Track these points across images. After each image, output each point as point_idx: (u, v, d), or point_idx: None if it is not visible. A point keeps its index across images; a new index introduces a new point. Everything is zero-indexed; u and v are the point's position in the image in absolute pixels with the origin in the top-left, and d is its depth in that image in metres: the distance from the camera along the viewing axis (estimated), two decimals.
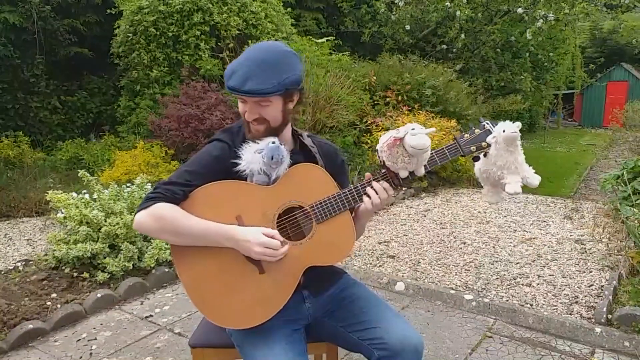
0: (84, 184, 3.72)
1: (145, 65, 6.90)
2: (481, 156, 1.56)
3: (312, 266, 1.47)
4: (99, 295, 3.11)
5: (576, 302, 3.04)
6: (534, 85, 12.16)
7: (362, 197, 1.50)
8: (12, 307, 2.91)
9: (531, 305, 3.02)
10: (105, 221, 3.41)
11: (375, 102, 7.31)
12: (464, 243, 4.19)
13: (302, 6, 11.33)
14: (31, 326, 2.76)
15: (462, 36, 10.49)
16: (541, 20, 9.81)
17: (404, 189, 5.97)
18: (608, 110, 15.84)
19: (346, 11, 11.96)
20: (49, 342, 2.74)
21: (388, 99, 7.27)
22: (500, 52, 11.35)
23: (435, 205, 5.53)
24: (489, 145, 1.53)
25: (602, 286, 3.22)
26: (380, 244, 4.22)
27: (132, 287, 3.27)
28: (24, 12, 7.38)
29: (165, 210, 1.39)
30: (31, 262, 3.68)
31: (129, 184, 4.09)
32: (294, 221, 1.50)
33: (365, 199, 1.49)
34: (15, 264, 3.73)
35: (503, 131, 1.48)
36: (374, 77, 7.61)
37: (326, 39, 7.56)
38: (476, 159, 1.57)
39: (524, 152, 1.54)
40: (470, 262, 3.75)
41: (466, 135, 1.54)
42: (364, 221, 1.65)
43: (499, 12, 10.90)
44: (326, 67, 6.85)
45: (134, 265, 3.40)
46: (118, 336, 2.79)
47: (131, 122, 7.05)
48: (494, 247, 4.08)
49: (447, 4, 10.22)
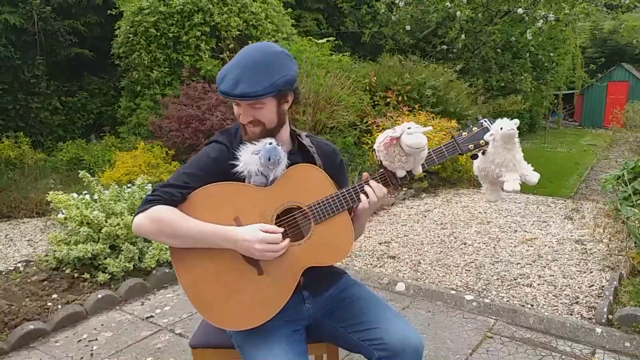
0: (85, 184, 3.73)
1: (145, 65, 6.91)
2: (479, 154, 1.54)
3: (312, 267, 1.47)
4: (99, 296, 3.11)
5: (577, 302, 3.04)
6: (534, 85, 12.15)
7: (359, 196, 1.49)
8: (13, 307, 2.91)
9: (532, 305, 3.02)
10: (106, 222, 3.41)
11: (376, 103, 7.32)
12: (465, 243, 4.19)
13: (302, 7, 11.34)
14: (32, 327, 2.76)
15: (463, 36, 10.49)
16: (541, 21, 9.81)
17: (404, 189, 5.97)
18: (608, 111, 15.83)
19: (346, 12, 11.97)
20: (49, 342, 2.74)
21: (388, 99, 7.27)
22: (501, 52, 11.35)
23: (436, 205, 5.53)
24: (486, 143, 1.51)
25: (603, 286, 3.22)
26: (380, 244, 4.22)
27: (133, 288, 3.27)
28: (25, 13, 7.39)
29: (163, 213, 1.39)
30: (32, 263, 3.69)
31: (129, 185, 4.09)
32: (292, 222, 1.50)
33: (363, 197, 1.49)
34: (16, 264, 3.74)
35: (500, 129, 1.46)
36: (374, 78, 7.62)
37: (326, 39, 7.56)
38: (474, 157, 1.56)
39: (524, 152, 1.53)
40: (470, 262, 3.75)
41: (464, 134, 1.53)
42: (363, 220, 1.64)
43: (499, 13, 10.90)
44: (326, 68, 6.86)
45: (134, 265, 3.41)
46: (119, 337, 2.80)
47: (132, 123, 7.05)
48: (494, 247, 4.08)
49: (448, 4, 10.23)
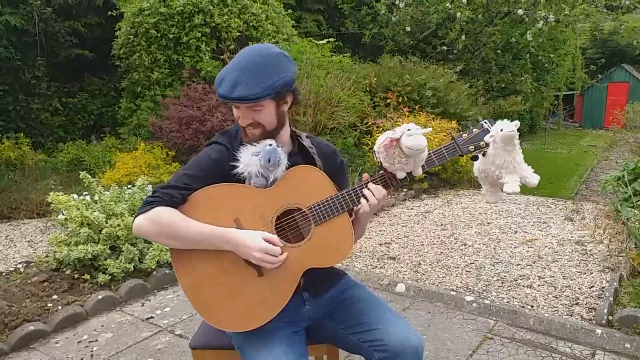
0: (85, 185, 3.73)
1: (146, 67, 6.92)
2: (480, 156, 1.54)
3: (312, 268, 1.47)
4: (99, 297, 3.11)
5: (577, 303, 3.04)
6: (534, 86, 12.16)
7: (359, 198, 1.49)
8: (13, 308, 2.91)
9: (532, 306, 3.02)
10: (106, 223, 3.41)
11: (376, 104, 7.32)
12: (465, 244, 4.19)
13: (302, 8, 11.34)
14: (32, 328, 2.76)
15: (463, 37, 10.50)
16: (542, 22, 9.82)
17: (404, 190, 5.97)
18: (609, 112, 15.83)
19: (347, 13, 11.97)
20: (50, 343, 2.74)
21: (389, 100, 7.27)
22: (501, 53, 11.36)
23: (436, 206, 5.53)
24: (487, 145, 1.50)
25: (603, 287, 3.21)
26: (380, 245, 4.22)
27: (133, 289, 3.27)
28: (25, 14, 7.40)
29: (163, 214, 1.39)
30: (32, 264, 3.69)
31: (130, 186, 4.09)
32: (292, 223, 1.50)
33: (363, 200, 1.49)
34: (17, 265, 3.74)
35: (501, 130, 1.46)
36: (375, 79, 7.62)
37: (327, 40, 7.57)
38: (475, 158, 1.55)
39: (524, 153, 1.53)
40: (470, 263, 3.75)
41: (464, 135, 1.52)
42: (364, 222, 1.64)
43: (499, 14, 10.91)
44: (327, 69, 6.86)
45: (134, 266, 3.41)
46: (119, 338, 2.80)
47: (132, 124, 7.06)
48: (494, 248, 4.08)
49: (448, 5, 10.23)
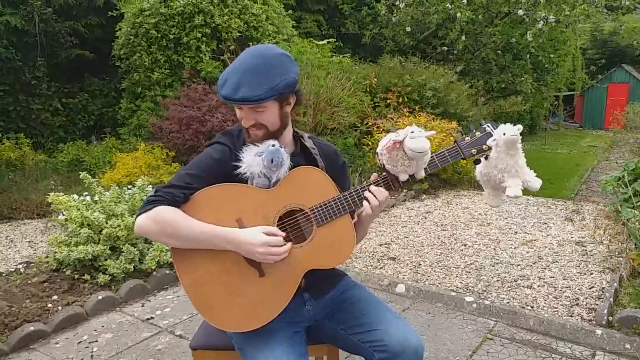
0: (85, 186, 3.73)
1: (146, 67, 6.92)
2: (482, 159, 1.54)
3: (313, 269, 1.47)
4: (100, 297, 3.11)
5: (577, 304, 3.04)
6: (534, 86, 12.17)
7: (362, 200, 1.49)
8: (13, 309, 2.91)
9: (532, 307, 3.02)
10: (107, 223, 3.41)
11: (376, 104, 7.32)
12: (465, 245, 4.19)
13: (303, 8, 11.35)
14: (32, 328, 2.76)
15: (463, 38, 10.51)
16: (542, 22, 9.83)
17: (404, 190, 5.98)
18: (609, 112, 15.84)
19: (347, 13, 11.98)
20: (50, 344, 2.74)
21: (389, 100, 7.28)
22: (501, 53, 11.36)
23: (436, 207, 5.53)
24: (489, 148, 1.51)
25: (603, 288, 3.21)
26: (380, 246, 4.22)
27: (133, 289, 3.27)
28: (26, 15, 7.40)
29: (165, 213, 1.39)
30: (32, 264, 3.69)
31: (130, 186, 4.09)
32: (294, 224, 1.50)
33: (365, 203, 1.49)
34: (17, 266, 3.74)
35: (504, 134, 1.46)
36: (375, 79, 7.63)
37: (327, 41, 7.57)
38: (477, 161, 1.56)
39: (524, 154, 1.53)
40: (470, 264, 3.75)
41: (467, 138, 1.53)
42: (367, 224, 1.64)
43: (499, 14, 10.91)
44: (327, 69, 6.86)
45: (135, 267, 3.41)
46: (119, 338, 2.80)
47: (132, 124, 7.06)
48: (494, 249, 4.08)
49: (448, 5, 10.24)
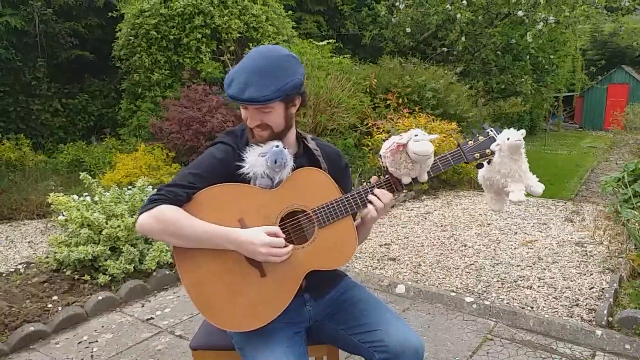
0: (85, 186, 3.74)
1: (146, 68, 6.92)
2: (485, 163, 1.55)
3: (314, 270, 1.47)
4: (100, 298, 3.11)
5: (577, 304, 3.04)
6: (534, 87, 12.17)
7: (365, 202, 1.50)
8: (13, 309, 2.91)
9: (532, 307, 3.02)
10: (107, 224, 3.41)
11: (376, 105, 7.32)
12: (465, 245, 4.19)
13: (303, 9, 11.35)
14: (32, 328, 2.76)
15: (463, 39, 10.51)
16: (542, 23, 9.83)
17: (404, 191, 5.98)
18: (609, 113, 15.86)
19: (347, 14, 11.98)
20: (50, 344, 2.74)
21: (389, 101, 7.28)
22: (501, 54, 11.37)
23: (436, 207, 5.53)
24: (492, 153, 1.51)
25: (603, 289, 3.22)
26: (381, 246, 4.22)
27: (133, 290, 3.28)
28: (26, 16, 7.40)
29: (168, 212, 1.39)
30: (32, 265, 3.69)
31: (130, 187, 4.09)
32: (296, 225, 1.50)
33: (370, 206, 1.50)
34: (17, 266, 3.74)
35: (507, 139, 1.46)
36: (375, 80, 7.63)
37: (327, 41, 7.56)
38: (480, 166, 1.56)
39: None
40: (471, 264, 3.75)
41: (470, 142, 1.54)
42: (370, 226, 1.65)
43: (499, 15, 10.92)
44: (327, 70, 6.86)
45: (135, 267, 3.41)
46: (119, 338, 2.80)
47: (132, 125, 7.06)
48: (494, 249, 4.08)
49: (448, 6, 10.24)
